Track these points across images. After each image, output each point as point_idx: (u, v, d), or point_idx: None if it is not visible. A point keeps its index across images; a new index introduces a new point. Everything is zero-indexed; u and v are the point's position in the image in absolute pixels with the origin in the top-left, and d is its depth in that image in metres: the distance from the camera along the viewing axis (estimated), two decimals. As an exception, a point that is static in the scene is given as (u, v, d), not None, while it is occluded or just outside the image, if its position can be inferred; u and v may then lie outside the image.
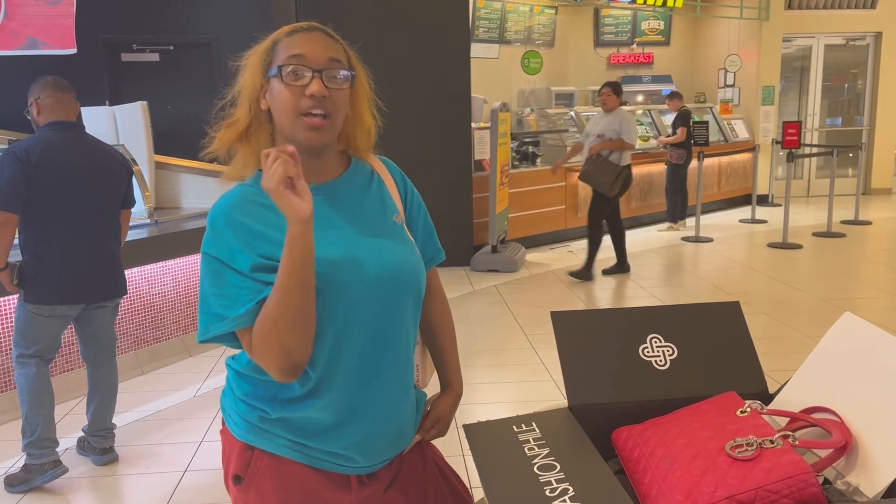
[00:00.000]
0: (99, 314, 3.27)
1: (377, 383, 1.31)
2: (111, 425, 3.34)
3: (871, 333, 1.21)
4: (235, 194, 1.28)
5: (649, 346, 1.39)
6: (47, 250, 3.03)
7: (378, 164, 1.44)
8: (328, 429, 1.30)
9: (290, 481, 1.31)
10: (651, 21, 11.79)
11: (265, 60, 1.28)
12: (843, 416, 1.13)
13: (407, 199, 1.46)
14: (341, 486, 1.34)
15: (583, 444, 1.21)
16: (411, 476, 1.43)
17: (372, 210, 1.36)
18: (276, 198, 1.12)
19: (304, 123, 1.24)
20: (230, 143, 1.31)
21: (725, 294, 5.98)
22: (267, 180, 1.12)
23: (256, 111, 1.29)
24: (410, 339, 1.38)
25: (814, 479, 1.00)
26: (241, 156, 1.31)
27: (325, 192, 1.31)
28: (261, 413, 1.31)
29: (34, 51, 5.84)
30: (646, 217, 9.42)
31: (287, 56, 1.25)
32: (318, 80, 1.23)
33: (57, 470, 3.07)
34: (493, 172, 6.93)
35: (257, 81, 1.28)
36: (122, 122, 5.35)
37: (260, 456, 1.32)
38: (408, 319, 1.35)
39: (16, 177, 2.94)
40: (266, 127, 1.31)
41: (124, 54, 7.73)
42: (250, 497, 1.33)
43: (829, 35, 11.40)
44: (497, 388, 4.11)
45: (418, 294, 1.37)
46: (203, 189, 5.46)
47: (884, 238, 8.47)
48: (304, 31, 1.28)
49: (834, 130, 11.74)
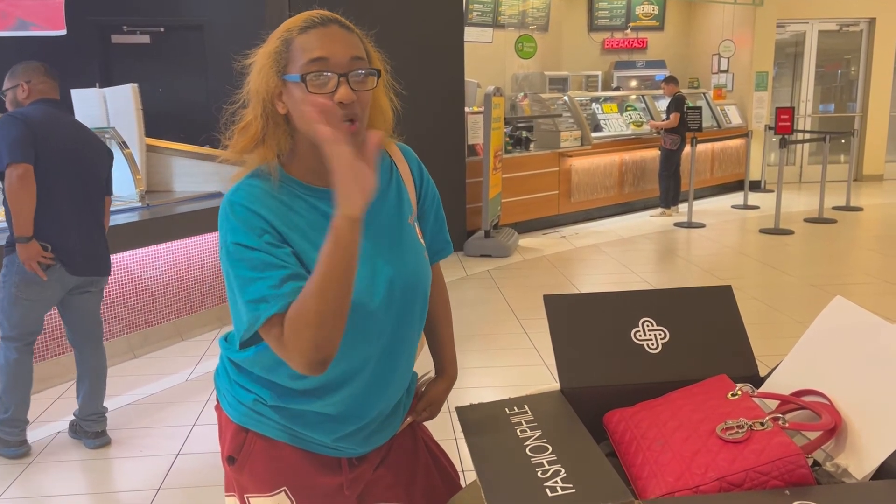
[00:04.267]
0: (84, 298, 3.27)
1: (383, 385, 1.33)
2: (102, 409, 3.34)
3: (862, 317, 1.22)
4: (255, 186, 1.22)
5: (641, 330, 1.40)
6: (46, 218, 3.02)
7: (397, 152, 1.40)
8: (325, 422, 1.31)
9: (283, 463, 1.33)
10: (645, 6, 11.75)
11: (279, 61, 1.18)
12: (833, 398, 1.14)
13: (422, 189, 1.42)
14: (332, 469, 1.35)
15: (575, 427, 1.21)
16: (401, 455, 1.45)
17: (390, 214, 1.32)
18: (346, 168, 1.05)
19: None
20: (246, 150, 1.23)
21: (717, 279, 6.01)
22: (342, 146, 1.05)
23: (272, 114, 1.21)
24: (414, 340, 1.39)
25: (803, 461, 1.01)
26: (259, 156, 1.23)
27: None
28: (257, 398, 1.31)
29: (24, 32, 5.78)
30: (638, 203, 9.44)
31: (308, 61, 1.15)
32: (345, 86, 1.16)
33: (21, 449, 3.18)
34: (486, 157, 6.92)
35: (272, 83, 1.19)
36: (112, 104, 5.30)
37: (253, 439, 1.33)
38: (415, 324, 1.36)
39: (22, 132, 2.95)
40: (283, 128, 1.22)
41: (115, 36, 7.67)
42: (244, 478, 1.35)
43: (823, 21, 11.39)
44: (489, 372, 4.12)
45: (425, 298, 1.37)
46: (195, 172, 5.43)
47: (875, 224, 8.51)
48: (319, 25, 1.18)
49: (827, 117, 11.76)
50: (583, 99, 9.45)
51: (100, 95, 5.34)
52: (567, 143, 8.54)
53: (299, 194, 1.24)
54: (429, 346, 1.55)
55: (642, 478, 1.11)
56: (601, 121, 9.38)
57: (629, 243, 7.53)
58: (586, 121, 8.97)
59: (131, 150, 4.96)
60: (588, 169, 8.75)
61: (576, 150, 8.60)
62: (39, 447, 3.29)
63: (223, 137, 1.26)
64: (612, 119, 9.50)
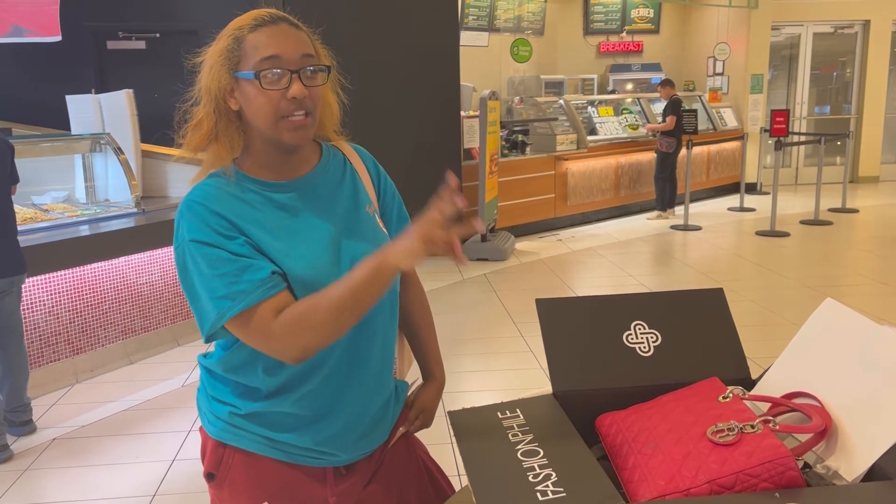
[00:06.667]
0: (8, 301, 3.31)
1: (352, 380, 1.30)
2: (27, 400, 3.46)
3: (852, 319, 1.22)
4: (210, 185, 1.25)
5: (633, 333, 1.40)
6: None
7: (350, 151, 1.41)
8: (300, 424, 1.29)
9: (263, 477, 1.31)
10: (640, 9, 11.78)
11: (230, 58, 1.21)
12: (824, 400, 1.14)
13: (380, 187, 1.43)
14: (317, 480, 1.33)
15: (566, 430, 1.21)
16: (394, 470, 1.42)
17: (346, 203, 1.33)
18: (423, 242, 1.08)
19: (289, 125, 1.20)
20: (200, 147, 1.25)
21: (713, 282, 6.01)
22: (433, 239, 1.08)
23: (224, 111, 1.23)
24: (388, 334, 1.37)
25: (793, 464, 1.01)
26: (213, 153, 1.26)
27: (303, 185, 1.29)
28: (231, 409, 1.29)
29: (19, 38, 5.78)
30: (634, 206, 9.45)
31: (260, 59, 1.18)
32: (297, 82, 1.19)
33: (3, 454, 3.24)
34: (482, 161, 6.92)
35: (224, 81, 1.21)
36: (107, 110, 5.31)
37: (232, 453, 1.31)
38: (384, 315, 1.34)
39: None
40: (236, 125, 1.25)
41: (110, 42, 7.66)
42: (224, 494, 1.33)
43: (818, 23, 11.42)
44: (485, 376, 4.12)
45: (393, 289, 1.36)
46: (190, 178, 5.42)
47: (870, 226, 8.52)
48: (269, 23, 1.21)
49: (822, 119, 11.78)
50: (579, 102, 9.47)
51: (95, 101, 5.34)
52: (563, 147, 8.55)
53: (254, 189, 1.26)
54: (412, 351, 1.54)
55: (633, 481, 1.11)
56: (597, 124, 9.39)
57: (625, 246, 7.54)
58: (582, 124, 8.98)
59: (126, 155, 4.96)
60: (584, 172, 8.76)
61: (572, 154, 8.61)
62: (35, 453, 3.29)
63: (176, 136, 1.28)
64: (607, 122, 9.52)
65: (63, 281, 4.02)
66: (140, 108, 5.31)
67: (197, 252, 1.18)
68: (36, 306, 3.89)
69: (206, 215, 1.20)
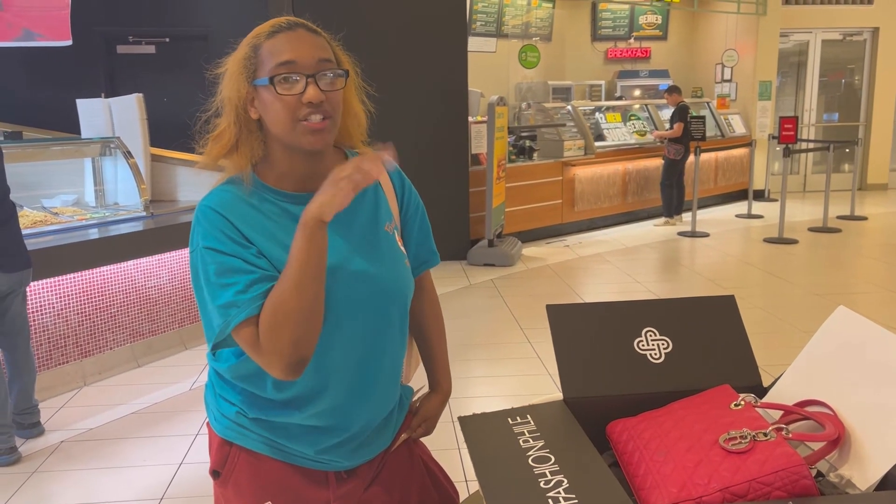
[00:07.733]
0: (13, 302, 3.33)
1: (360, 396, 1.31)
2: (35, 402, 3.47)
3: (865, 327, 1.21)
4: (227, 191, 1.24)
5: (644, 340, 1.39)
6: None
7: None
8: (304, 434, 1.29)
9: (267, 478, 1.31)
10: (648, 16, 11.77)
11: (248, 67, 1.21)
12: (837, 409, 1.13)
13: (404, 199, 1.42)
14: (318, 483, 1.33)
15: (577, 437, 1.21)
16: (396, 473, 1.42)
17: (365, 219, 1.32)
18: (334, 187, 1.11)
19: (306, 128, 1.19)
20: (220, 157, 1.26)
21: (721, 289, 5.99)
22: (350, 173, 1.11)
23: (245, 120, 1.23)
24: (397, 349, 1.36)
25: (806, 472, 1.00)
26: (233, 163, 1.25)
27: None
28: (239, 410, 1.30)
29: (30, 42, 5.82)
30: (642, 212, 9.44)
31: (276, 64, 1.18)
32: (313, 86, 1.18)
33: (11, 456, 3.23)
34: (489, 166, 6.93)
35: (242, 90, 1.21)
36: (117, 114, 5.33)
37: (237, 452, 1.32)
38: (393, 332, 1.34)
39: None
40: (257, 135, 1.25)
41: (120, 46, 7.71)
42: (228, 492, 1.34)
43: (827, 30, 11.40)
44: (493, 381, 4.11)
45: (404, 307, 1.35)
46: (199, 182, 5.44)
47: (879, 233, 8.49)
48: (286, 30, 1.21)
49: (830, 126, 11.75)
50: (586, 108, 9.47)
51: (105, 105, 5.37)
52: (570, 153, 8.55)
53: (271, 199, 1.26)
54: (420, 355, 1.54)
55: (645, 488, 1.10)
56: (604, 130, 9.39)
57: (633, 252, 7.52)
58: (590, 130, 8.98)
59: (136, 159, 4.98)
60: (591, 178, 8.75)
61: (579, 160, 8.61)
62: (42, 456, 3.30)
63: (197, 146, 1.28)
64: (615, 128, 9.52)
65: (72, 284, 4.04)
66: (150, 112, 5.33)
67: (210, 259, 1.18)
68: (45, 309, 3.91)
69: (219, 222, 1.20)
